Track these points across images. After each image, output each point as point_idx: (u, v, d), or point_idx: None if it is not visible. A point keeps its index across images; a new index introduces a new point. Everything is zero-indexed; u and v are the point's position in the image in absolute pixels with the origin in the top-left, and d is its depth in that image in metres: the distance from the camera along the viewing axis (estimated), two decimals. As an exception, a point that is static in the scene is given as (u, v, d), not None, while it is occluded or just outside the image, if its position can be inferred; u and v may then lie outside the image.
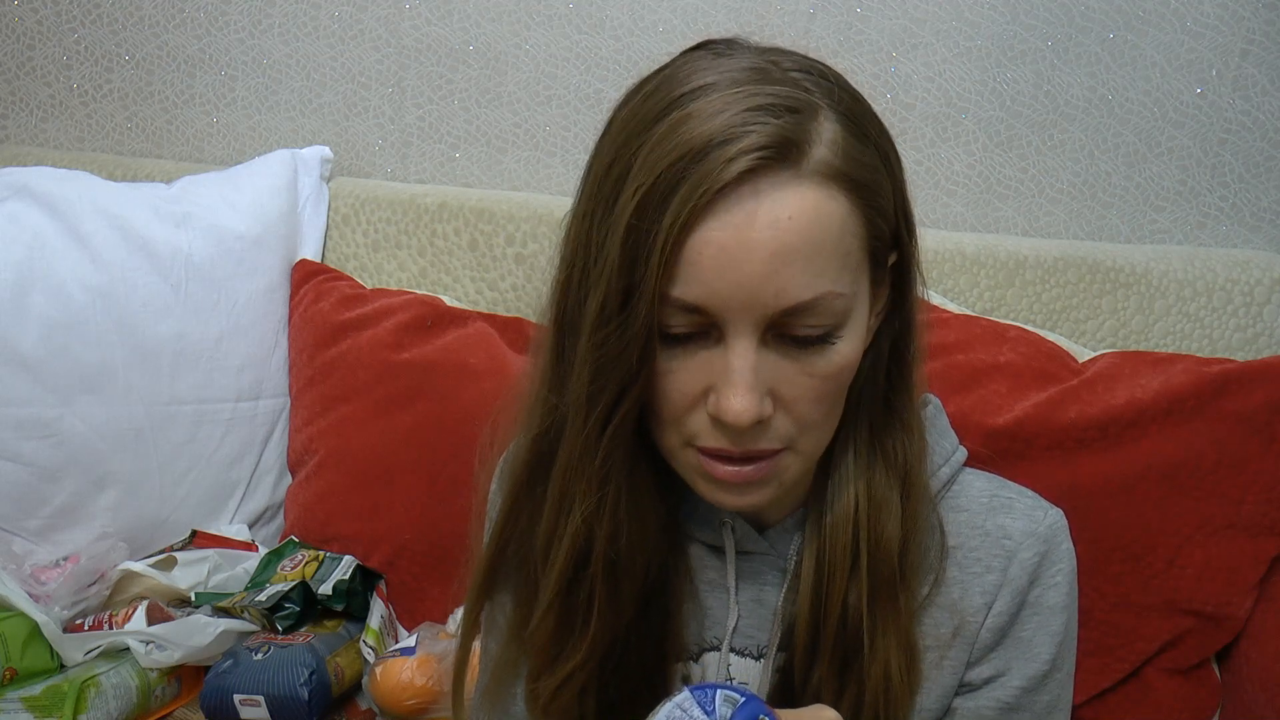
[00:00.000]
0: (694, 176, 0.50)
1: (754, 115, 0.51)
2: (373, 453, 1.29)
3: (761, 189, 0.51)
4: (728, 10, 1.37)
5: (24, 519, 1.24)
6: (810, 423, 0.57)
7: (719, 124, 0.50)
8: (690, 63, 0.55)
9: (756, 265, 0.51)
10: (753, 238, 0.51)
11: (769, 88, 0.52)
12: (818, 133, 0.53)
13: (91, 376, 1.25)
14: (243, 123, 1.61)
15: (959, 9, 1.30)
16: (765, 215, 0.51)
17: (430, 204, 1.44)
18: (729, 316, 0.53)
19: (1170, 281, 1.21)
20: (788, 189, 0.51)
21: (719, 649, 0.67)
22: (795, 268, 0.51)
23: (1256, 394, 1.06)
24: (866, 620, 0.61)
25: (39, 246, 1.26)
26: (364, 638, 1.17)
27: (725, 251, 0.51)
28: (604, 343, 0.54)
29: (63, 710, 1.04)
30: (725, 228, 0.51)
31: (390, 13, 1.50)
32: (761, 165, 0.50)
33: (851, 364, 0.57)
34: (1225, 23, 1.23)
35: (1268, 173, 1.26)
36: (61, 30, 1.64)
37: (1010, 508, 0.67)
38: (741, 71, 0.53)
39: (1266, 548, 1.07)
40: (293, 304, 1.42)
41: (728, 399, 0.53)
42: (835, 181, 0.52)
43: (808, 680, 0.63)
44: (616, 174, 0.53)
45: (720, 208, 0.50)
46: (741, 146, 0.50)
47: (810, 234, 0.51)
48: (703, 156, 0.50)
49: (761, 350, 0.54)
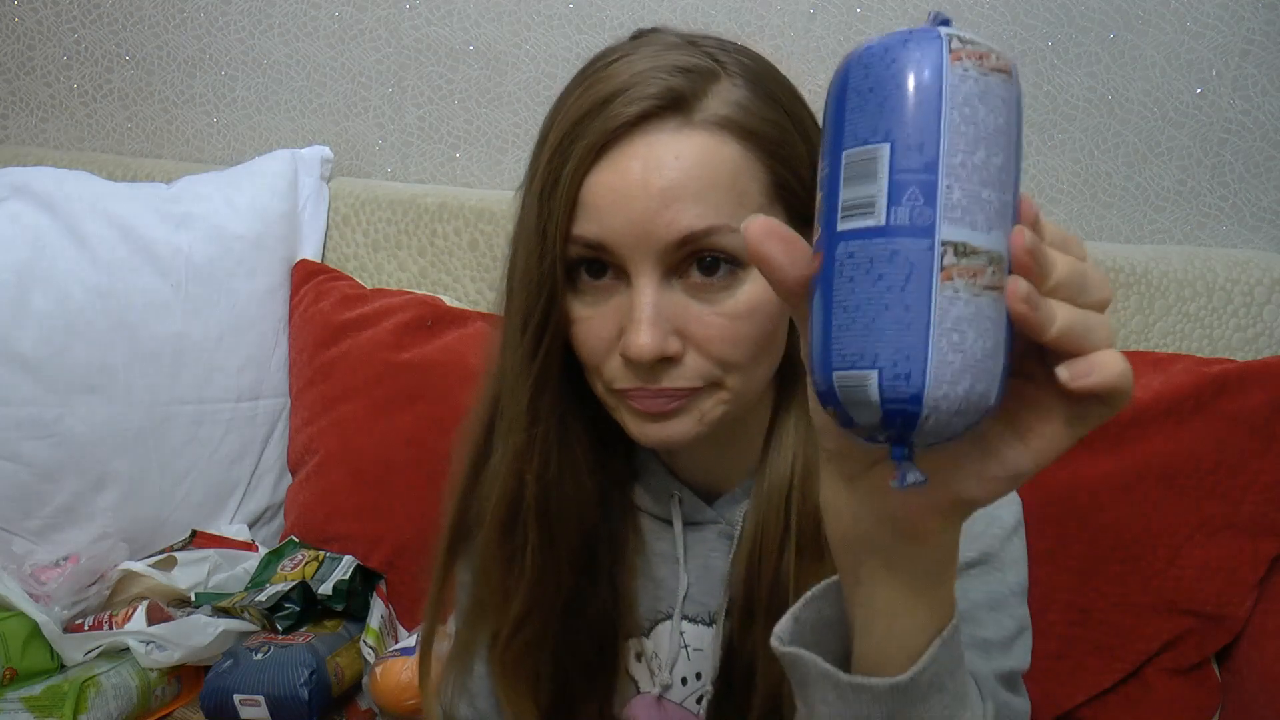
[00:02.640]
0: (594, 124, 0.55)
1: (654, 73, 0.56)
2: (373, 453, 1.29)
3: (651, 134, 0.56)
4: (728, 10, 1.37)
5: (24, 519, 1.24)
6: (732, 363, 0.59)
7: (622, 80, 0.56)
8: (617, 44, 0.61)
9: (647, 201, 0.55)
10: (642, 177, 0.55)
11: (676, 54, 0.57)
12: (715, 91, 0.57)
13: (91, 376, 1.25)
14: (243, 123, 1.61)
15: (959, 9, 1.30)
16: (654, 157, 0.55)
17: (430, 204, 1.44)
18: (628, 254, 0.56)
19: (1170, 281, 1.21)
20: (678, 134, 0.56)
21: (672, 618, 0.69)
22: (684, 202, 0.55)
23: (1256, 394, 1.06)
24: (794, 582, 0.62)
25: (39, 246, 1.26)
26: (364, 638, 1.17)
27: (616, 190, 0.55)
28: (526, 282, 0.59)
29: (63, 710, 1.04)
30: (616, 169, 0.55)
31: (390, 13, 1.50)
32: (653, 112, 0.55)
33: (765, 307, 0.58)
34: (1225, 23, 1.23)
35: (1268, 173, 1.26)
36: (61, 30, 1.64)
37: None
38: (659, 46, 0.58)
39: (1266, 548, 1.07)
40: (293, 304, 1.42)
41: (631, 335, 0.56)
42: (726, 129, 0.57)
43: (745, 642, 0.65)
44: (539, 140, 0.59)
45: (614, 151, 0.56)
46: (634, 95, 0.55)
47: (698, 173, 0.55)
48: (604, 108, 0.55)
49: (665, 289, 0.57)
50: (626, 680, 0.71)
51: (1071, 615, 1.08)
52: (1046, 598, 1.08)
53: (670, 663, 0.69)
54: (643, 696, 0.71)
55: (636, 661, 0.70)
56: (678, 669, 0.70)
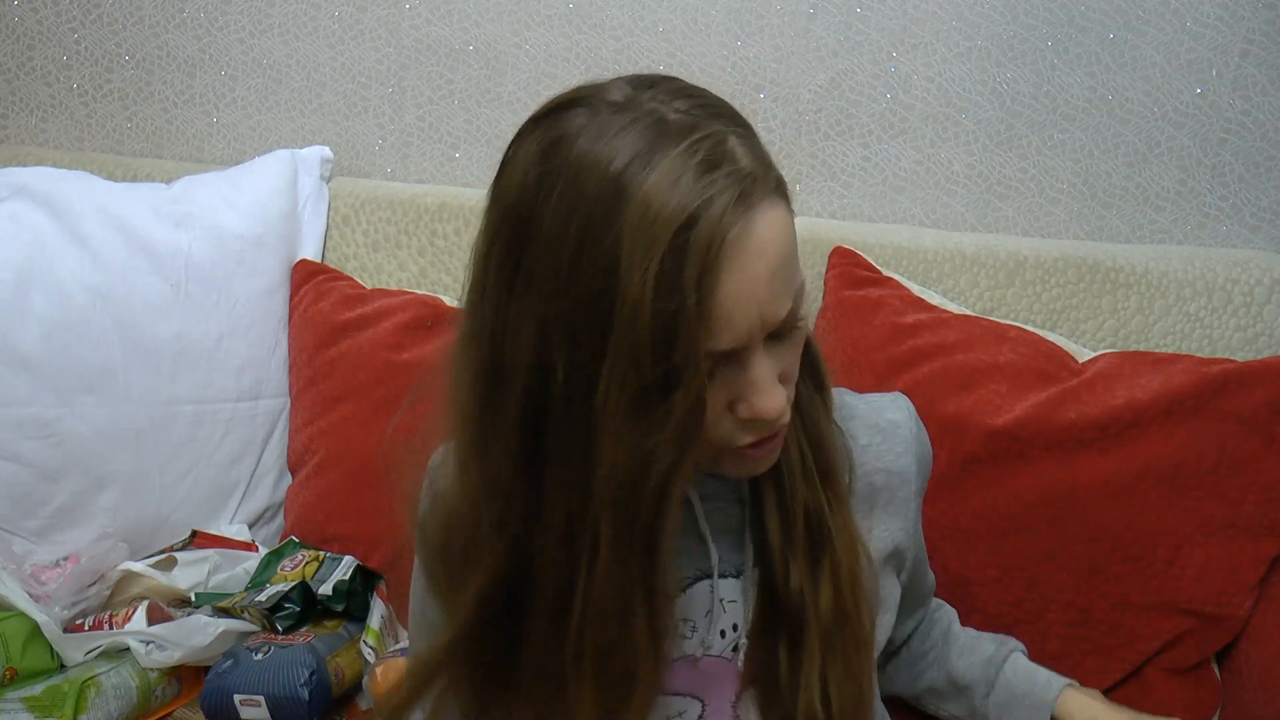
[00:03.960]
0: (696, 242, 0.53)
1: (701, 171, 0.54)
2: (373, 453, 1.29)
3: (743, 232, 0.55)
4: (728, 10, 1.37)
5: (24, 519, 1.24)
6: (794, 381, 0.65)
7: (684, 190, 0.53)
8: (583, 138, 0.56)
9: (764, 290, 0.57)
10: (753, 275, 0.56)
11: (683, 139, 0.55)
12: (739, 153, 0.57)
13: (91, 376, 1.25)
14: (243, 123, 1.61)
15: (959, 9, 1.30)
16: (754, 251, 0.56)
17: (430, 204, 1.44)
18: (750, 341, 0.58)
19: (1170, 281, 1.21)
20: (758, 218, 0.56)
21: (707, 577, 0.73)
22: (785, 282, 0.58)
23: (1256, 394, 1.06)
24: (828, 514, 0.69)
25: (39, 246, 1.26)
26: (364, 638, 1.17)
27: (742, 291, 0.56)
28: (646, 432, 0.56)
29: (63, 710, 1.04)
30: (733, 276, 0.55)
31: (390, 13, 1.50)
32: (736, 213, 0.55)
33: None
34: (1225, 23, 1.23)
35: (1268, 173, 1.26)
36: (61, 30, 1.64)
37: (883, 405, 0.79)
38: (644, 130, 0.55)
39: (1266, 548, 1.07)
40: (293, 304, 1.42)
41: (763, 404, 0.59)
42: (774, 189, 0.59)
43: (788, 584, 0.69)
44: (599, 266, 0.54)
45: (724, 261, 0.55)
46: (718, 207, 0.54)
47: (784, 247, 0.58)
48: (694, 222, 0.53)
49: (769, 352, 0.60)
50: None
51: (1071, 615, 1.08)
52: (1046, 598, 1.08)
53: (712, 622, 0.73)
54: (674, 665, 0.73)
55: None
56: (717, 624, 0.73)
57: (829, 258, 1.28)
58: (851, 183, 1.39)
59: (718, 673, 0.74)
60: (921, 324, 1.19)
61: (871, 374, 1.17)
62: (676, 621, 0.70)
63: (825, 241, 1.29)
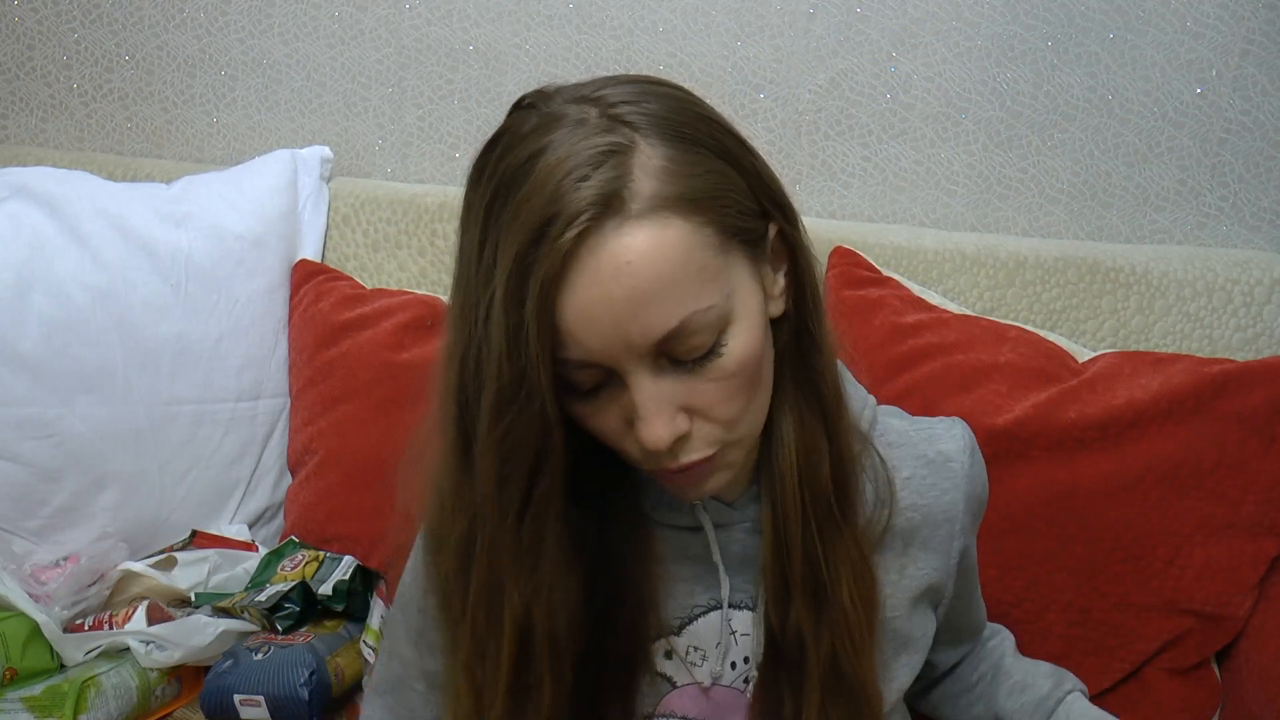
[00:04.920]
0: (541, 257, 0.53)
1: (572, 182, 0.54)
2: (373, 453, 1.29)
3: (596, 246, 0.54)
4: (728, 10, 1.37)
5: (24, 519, 1.24)
6: (733, 418, 0.61)
7: (546, 196, 0.54)
8: (518, 129, 0.58)
9: (616, 313, 0.54)
10: (603, 293, 0.54)
11: (585, 142, 0.55)
12: (639, 167, 0.55)
13: (91, 376, 1.25)
14: (243, 123, 1.61)
15: (959, 9, 1.30)
16: (607, 270, 0.54)
17: (430, 204, 1.44)
18: (615, 361, 0.57)
19: (1170, 281, 1.21)
20: (621, 236, 0.54)
21: (718, 608, 0.72)
22: (650, 306, 0.55)
23: (1256, 394, 1.06)
24: (822, 554, 0.66)
25: (39, 246, 1.26)
26: (364, 638, 1.17)
27: (585, 311, 0.55)
28: (508, 430, 0.57)
29: (63, 710, 1.04)
30: (577, 291, 0.54)
31: (390, 13, 1.50)
32: (591, 226, 0.53)
33: (752, 355, 0.60)
34: (1225, 23, 1.23)
35: (1268, 173, 1.26)
36: (61, 30, 1.64)
37: (937, 434, 0.75)
38: (563, 130, 0.56)
39: (1266, 548, 1.07)
40: (293, 304, 1.42)
41: (644, 431, 0.58)
42: (665, 209, 0.55)
43: (788, 622, 0.68)
44: (486, 263, 0.56)
45: (571, 274, 0.54)
46: (567, 217, 0.53)
47: (653, 270, 0.54)
48: (542, 236, 0.53)
49: (659, 377, 0.58)
50: (656, 679, 0.73)
51: (1071, 615, 1.08)
52: (1046, 598, 1.08)
53: (723, 653, 0.72)
54: (684, 690, 0.73)
55: (667, 660, 0.73)
56: (730, 654, 0.73)
57: (829, 258, 1.28)
58: (851, 183, 1.39)
59: (729, 703, 0.73)
60: (921, 324, 1.19)
61: (871, 374, 1.17)
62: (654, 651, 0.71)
63: (825, 241, 1.29)
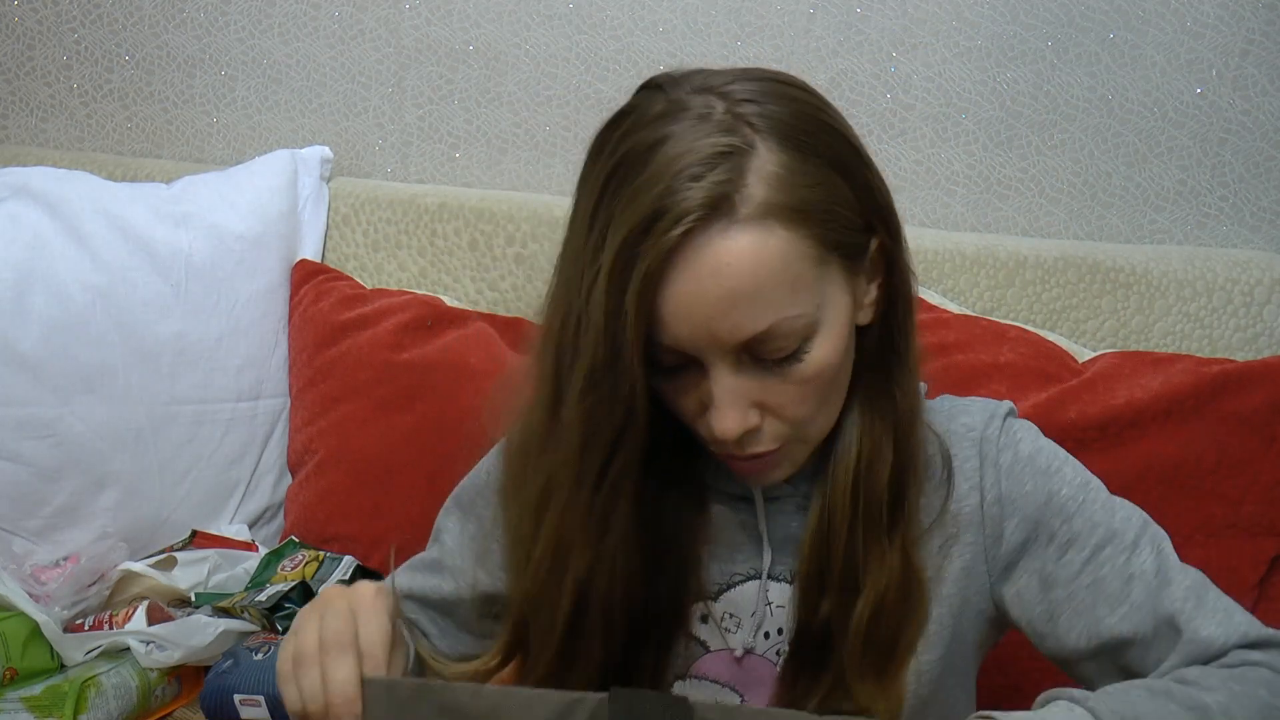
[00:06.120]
0: (647, 249, 0.57)
1: (685, 179, 0.56)
2: (373, 453, 1.29)
3: (700, 245, 0.57)
4: (728, 10, 1.37)
5: (24, 519, 1.23)
6: (804, 419, 0.64)
7: (660, 189, 0.56)
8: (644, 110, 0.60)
9: (709, 310, 0.58)
10: (700, 289, 0.58)
11: (705, 140, 0.57)
12: (754, 172, 0.58)
13: (91, 376, 1.25)
14: (243, 123, 1.61)
15: (959, 9, 1.30)
16: (707, 268, 0.57)
17: (430, 204, 1.44)
18: (700, 352, 0.60)
19: (1170, 281, 1.21)
20: (726, 238, 0.57)
21: (757, 578, 0.74)
22: (741, 307, 0.58)
23: (1256, 394, 1.06)
24: (864, 560, 0.67)
25: (39, 246, 1.26)
26: (364, 638, 1.17)
27: (680, 304, 0.58)
28: (595, 404, 0.60)
29: (63, 710, 1.04)
30: (676, 285, 0.58)
31: (390, 13, 1.50)
32: (697, 226, 0.56)
33: (832, 363, 0.62)
34: (1225, 23, 1.23)
35: (1268, 173, 1.26)
36: (61, 30, 1.64)
37: (968, 409, 0.75)
38: (686, 122, 0.58)
39: (1266, 548, 1.07)
40: (293, 304, 1.42)
41: (716, 420, 0.61)
42: (772, 217, 0.58)
43: (816, 613, 0.69)
44: (595, 239, 0.59)
45: (672, 270, 0.57)
46: (676, 214, 0.56)
47: (750, 274, 0.58)
48: (651, 228, 0.56)
49: (739, 372, 0.61)
50: (690, 642, 0.75)
51: (1071, 615, 1.08)
52: (1046, 598, 1.08)
53: (757, 624, 0.73)
54: (716, 655, 0.75)
55: (702, 623, 0.74)
56: (765, 625, 0.74)
57: (829, 258, 1.28)
58: (851, 183, 1.39)
59: (759, 673, 0.74)
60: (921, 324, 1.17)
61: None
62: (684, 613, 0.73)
63: (825, 241, 1.29)
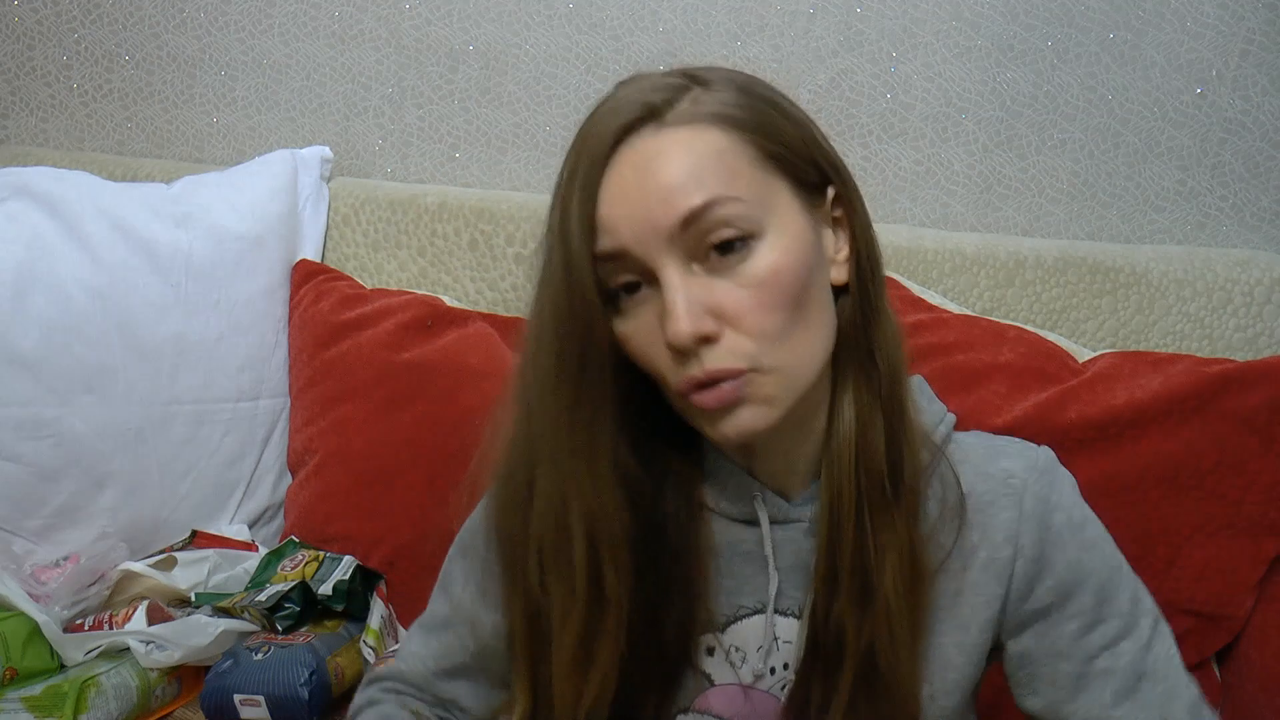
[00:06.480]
0: (585, 153, 0.61)
1: (633, 98, 0.61)
2: (373, 453, 1.29)
3: (634, 144, 0.61)
4: (728, 10, 1.37)
5: (24, 519, 1.23)
6: (766, 333, 0.61)
7: (604, 116, 0.62)
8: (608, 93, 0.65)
9: (644, 197, 0.60)
10: (634, 179, 0.60)
11: (658, 80, 0.62)
12: (690, 98, 0.62)
13: (91, 376, 1.25)
14: (243, 123, 1.61)
15: (959, 9, 1.30)
16: (639, 158, 0.60)
17: (430, 204, 1.44)
18: (645, 252, 0.60)
19: (1170, 281, 1.21)
20: (658, 136, 0.61)
21: (761, 612, 0.71)
22: (677, 188, 0.60)
23: (1256, 394, 1.06)
24: (872, 536, 0.66)
25: (39, 246, 1.26)
26: (364, 638, 1.17)
27: (619, 199, 0.60)
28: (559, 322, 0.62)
29: (63, 710, 1.04)
30: (613, 181, 0.61)
31: (390, 13, 1.50)
32: (631, 127, 0.61)
33: (786, 269, 0.61)
34: (1225, 23, 1.23)
35: (1268, 173, 1.26)
36: (61, 30, 1.64)
37: (1006, 452, 0.72)
38: (640, 81, 0.63)
39: (1266, 548, 1.07)
40: (293, 304, 1.42)
41: (669, 325, 0.60)
42: (702, 121, 0.61)
43: (831, 608, 0.67)
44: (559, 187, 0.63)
45: (610, 171, 0.61)
46: (615, 120, 0.61)
47: (683, 159, 0.60)
48: (594, 137, 0.61)
49: (690, 276, 0.61)
50: (695, 675, 0.73)
51: (1071, 615, 1.08)
52: (1046, 598, 1.08)
53: (764, 656, 0.72)
54: (723, 688, 0.73)
55: (708, 656, 0.72)
56: (771, 659, 0.72)
57: (829, 258, 1.28)
58: (851, 183, 1.39)
59: (765, 707, 0.73)
60: (921, 324, 1.19)
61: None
62: None
63: (825, 241, 1.29)
